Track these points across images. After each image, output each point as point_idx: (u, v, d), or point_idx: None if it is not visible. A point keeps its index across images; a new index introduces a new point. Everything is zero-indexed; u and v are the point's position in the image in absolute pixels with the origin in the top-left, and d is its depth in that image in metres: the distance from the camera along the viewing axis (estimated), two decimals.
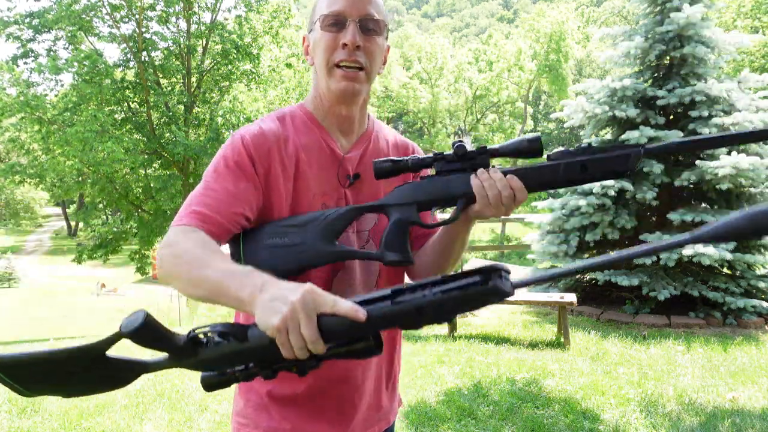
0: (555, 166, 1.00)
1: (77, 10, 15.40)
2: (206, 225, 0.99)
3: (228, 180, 1.04)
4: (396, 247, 1.04)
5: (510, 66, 37.63)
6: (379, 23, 1.11)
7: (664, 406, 3.57)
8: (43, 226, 50.00)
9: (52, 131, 15.26)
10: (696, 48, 6.12)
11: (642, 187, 6.02)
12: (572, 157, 0.99)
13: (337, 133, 1.18)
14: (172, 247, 0.95)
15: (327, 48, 1.09)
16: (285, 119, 1.16)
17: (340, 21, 1.08)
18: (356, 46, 1.07)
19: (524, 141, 1.01)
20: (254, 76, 17.95)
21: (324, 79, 1.12)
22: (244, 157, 1.06)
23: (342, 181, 1.16)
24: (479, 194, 1.00)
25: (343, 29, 1.08)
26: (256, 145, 1.07)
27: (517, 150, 1.01)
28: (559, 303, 5.08)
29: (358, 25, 1.08)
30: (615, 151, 0.97)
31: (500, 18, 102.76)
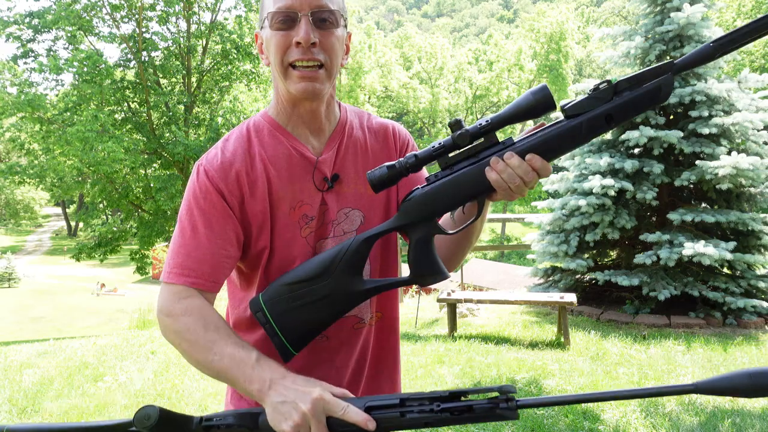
0: (576, 126, 0.84)
1: (77, 10, 15.41)
2: (197, 281, 0.99)
3: (204, 223, 1.01)
4: (428, 267, 0.96)
5: (510, 66, 37.64)
6: (334, 14, 1.00)
7: (664, 406, 3.57)
8: (43, 226, 50.01)
9: (52, 131, 15.27)
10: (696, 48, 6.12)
11: (642, 187, 6.02)
12: (593, 108, 0.84)
13: (306, 134, 1.09)
14: (171, 318, 0.98)
15: (279, 48, 1.00)
16: (249, 134, 1.08)
17: (289, 17, 0.98)
18: (311, 43, 0.98)
19: (530, 96, 0.84)
20: (254, 76, 17.96)
21: (281, 81, 1.03)
22: (212, 193, 1.01)
23: (320, 185, 1.08)
24: (499, 187, 0.89)
25: (294, 26, 0.99)
26: (221, 176, 1.02)
27: (523, 110, 0.85)
28: (559, 303, 5.08)
29: (310, 19, 0.98)
30: (641, 88, 0.82)
31: (500, 18, 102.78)
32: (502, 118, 0.87)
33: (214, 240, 1.00)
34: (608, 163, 6.09)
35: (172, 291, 0.99)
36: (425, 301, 7.86)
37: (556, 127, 0.86)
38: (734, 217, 5.75)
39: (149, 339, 5.73)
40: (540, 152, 0.86)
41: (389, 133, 1.20)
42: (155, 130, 17.42)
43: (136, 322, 8.35)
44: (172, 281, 0.99)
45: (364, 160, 1.14)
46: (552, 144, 0.86)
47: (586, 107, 0.84)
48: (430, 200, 0.93)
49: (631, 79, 0.82)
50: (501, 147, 0.89)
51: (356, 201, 1.12)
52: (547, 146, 0.86)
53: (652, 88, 0.82)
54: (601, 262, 6.91)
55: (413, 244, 0.96)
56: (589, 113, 0.84)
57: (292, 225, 1.06)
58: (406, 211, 0.95)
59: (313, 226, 1.07)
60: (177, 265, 1.00)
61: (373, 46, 38.67)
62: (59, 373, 4.47)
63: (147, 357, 4.98)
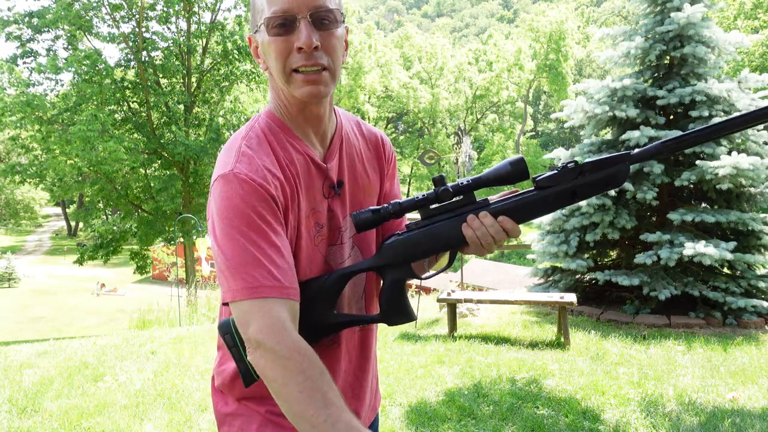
0: (546, 197, 0.96)
1: (77, 10, 15.41)
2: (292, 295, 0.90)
3: (265, 234, 0.91)
4: (398, 308, 1.03)
5: (510, 66, 37.66)
6: (333, 12, 0.96)
7: (664, 406, 3.57)
8: (43, 226, 50.02)
9: (53, 130, 15.28)
10: (696, 48, 6.12)
11: (642, 187, 6.02)
12: (561, 183, 0.95)
13: (312, 138, 1.07)
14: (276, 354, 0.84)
15: (280, 54, 0.95)
16: (270, 140, 1.02)
17: (288, 21, 0.93)
18: (314, 47, 0.94)
19: (507, 166, 0.95)
20: (254, 76, 17.97)
21: (284, 87, 0.99)
22: (262, 202, 0.92)
23: (326, 192, 1.06)
24: (472, 242, 0.97)
25: (293, 30, 0.94)
26: (268, 182, 0.94)
27: (501, 177, 0.95)
28: (559, 303, 5.08)
29: (309, 20, 0.94)
30: (602, 171, 0.94)
31: (500, 18, 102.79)
32: (480, 181, 0.96)
33: (282, 248, 0.92)
34: None
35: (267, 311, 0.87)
36: (425, 301, 7.87)
37: (528, 196, 0.97)
38: (734, 217, 5.75)
39: (149, 339, 5.73)
40: (511, 215, 0.97)
41: (380, 142, 1.20)
42: (155, 130, 17.43)
43: (136, 322, 8.35)
44: (260, 295, 0.87)
45: (362, 167, 1.15)
46: (523, 210, 0.97)
47: (555, 182, 0.95)
48: (408, 247, 1.00)
49: (595, 163, 0.94)
50: (477, 206, 0.98)
51: (355, 207, 1.12)
52: (518, 211, 0.97)
53: (612, 173, 0.93)
54: (601, 262, 6.91)
55: (387, 284, 1.03)
56: (558, 187, 0.95)
57: (309, 233, 1.04)
58: (385, 255, 1.02)
59: (324, 233, 1.07)
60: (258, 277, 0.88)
61: (373, 46, 38.65)
62: (59, 373, 4.47)
63: (147, 357, 4.97)
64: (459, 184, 0.97)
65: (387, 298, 1.03)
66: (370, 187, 1.16)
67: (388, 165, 1.22)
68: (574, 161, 0.94)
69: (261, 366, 0.86)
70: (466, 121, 40.00)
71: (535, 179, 0.96)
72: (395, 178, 1.26)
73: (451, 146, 40.24)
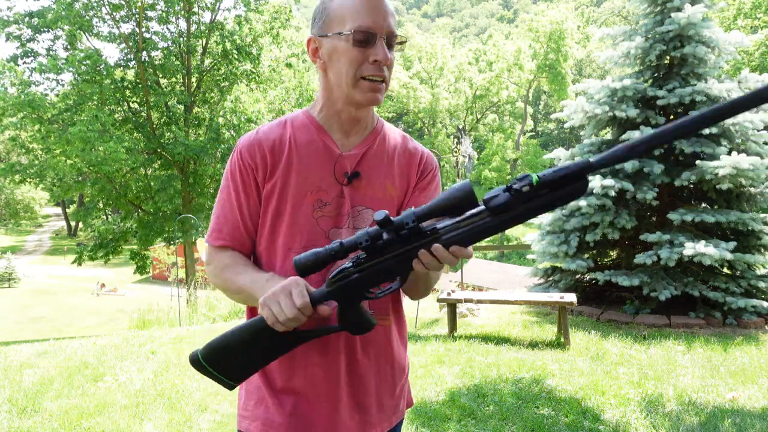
0: (498, 224, 0.93)
1: (76, 10, 15.39)
2: (226, 242, 1.23)
3: (231, 193, 1.22)
4: (356, 322, 1.08)
5: (510, 66, 37.65)
6: (397, 38, 1.17)
7: (664, 406, 3.57)
8: (43, 226, 50.01)
9: (53, 130, 15.26)
10: (696, 48, 6.12)
11: (642, 187, 6.02)
12: (515, 207, 0.91)
13: (339, 133, 1.23)
14: (211, 266, 1.24)
15: (354, 61, 1.13)
16: (286, 122, 1.24)
17: (371, 37, 1.12)
18: (387, 63, 1.14)
19: (455, 193, 0.91)
20: (254, 76, 17.95)
21: (347, 88, 1.15)
22: (239, 168, 1.21)
23: (339, 178, 1.21)
24: (422, 272, 1.00)
25: (371, 45, 1.12)
26: (251, 154, 1.20)
27: (447, 207, 0.92)
28: (559, 303, 5.08)
29: (385, 41, 1.13)
30: (558, 191, 0.89)
31: (500, 18, 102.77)
32: (427, 214, 0.94)
33: (237, 209, 1.21)
34: None
35: (211, 249, 1.25)
36: (425, 301, 7.87)
37: (481, 223, 0.94)
38: (734, 217, 5.75)
39: (149, 339, 5.73)
40: (463, 244, 0.95)
41: (416, 158, 1.30)
42: (155, 130, 17.41)
43: (136, 322, 8.35)
44: (209, 242, 1.25)
45: (389, 170, 1.26)
46: (475, 237, 0.95)
47: (508, 207, 0.90)
48: (359, 285, 1.02)
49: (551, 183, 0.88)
50: (426, 238, 0.96)
51: (372, 202, 1.23)
52: (470, 239, 0.95)
53: (567, 192, 0.88)
54: (601, 262, 6.91)
55: (341, 309, 1.06)
56: (511, 212, 0.91)
57: (305, 205, 1.19)
58: (335, 291, 1.04)
59: (327, 211, 1.20)
60: (212, 229, 1.24)
61: None
62: (59, 373, 4.47)
63: (147, 357, 4.97)
64: (404, 223, 0.94)
65: (343, 319, 1.08)
66: (391, 188, 1.26)
67: (418, 179, 1.29)
68: (528, 182, 0.88)
69: (208, 276, 1.26)
70: (466, 121, 39.97)
71: (487, 204, 0.91)
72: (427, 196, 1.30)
73: (451, 146, 40.23)
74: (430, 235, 0.96)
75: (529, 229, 24.82)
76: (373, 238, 0.98)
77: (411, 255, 0.98)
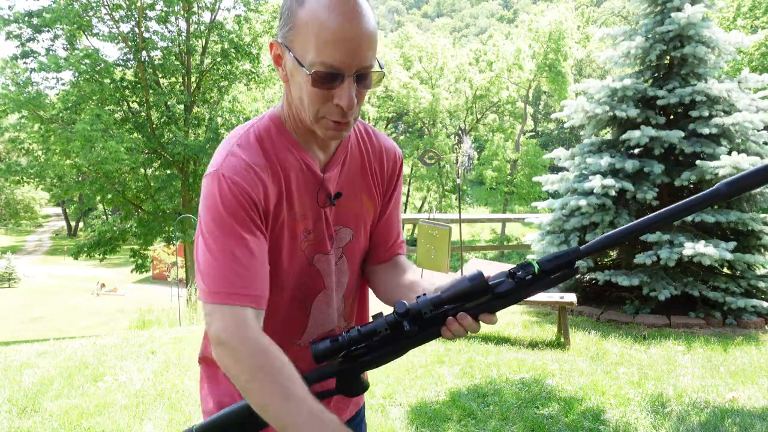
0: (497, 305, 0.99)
1: (76, 9, 15.40)
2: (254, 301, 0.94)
3: (241, 240, 0.95)
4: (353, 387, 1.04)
5: (510, 66, 37.64)
6: (371, 70, 0.96)
7: (664, 406, 3.57)
8: (43, 226, 50.00)
9: (53, 129, 15.27)
10: (696, 48, 6.12)
11: (642, 187, 6.02)
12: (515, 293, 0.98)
13: (315, 148, 1.08)
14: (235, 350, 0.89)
15: (316, 101, 0.95)
16: (263, 142, 1.03)
17: (334, 77, 0.92)
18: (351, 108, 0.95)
19: (467, 283, 0.96)
20: (254, 75, 17.95)
21: (308, 120, 0.99)
22: (244, 202, 0.96)
23: (321, 202, 1.08)
24: (448, 337, 0.98)
25: (336, 85, 0.93)
26: (250, 185, 0.97)
27: (462, 294, 0.96)
28: (559, 303, 5.08)
29: (354, 78, 0.93)
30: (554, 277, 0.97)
31: (500, 18, 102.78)
32: (442, 302, 0.96)
33: (257, 253, 0.96)
34: (608, 163, 6.09)
35: (230, 315, 0.91)
36: None
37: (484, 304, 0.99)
38: (734, 217, 5.75)
39: (149, 339, 5.73)
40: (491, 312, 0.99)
41: (387, 158, 1.20)
42: (155, 130, 17.42)
43: (136, 322, 8.35)
44: (226, 302, 0.92)
45: (364, 180, 1.16)
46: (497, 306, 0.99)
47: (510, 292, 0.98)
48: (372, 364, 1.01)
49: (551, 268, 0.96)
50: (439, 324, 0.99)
51: (349, 219, 1.14)
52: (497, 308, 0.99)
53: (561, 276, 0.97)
54: (601, 262, 6.91)
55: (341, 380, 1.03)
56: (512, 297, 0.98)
57: (295, 237, 1.07)
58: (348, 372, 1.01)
59: (311, 239, 1.09)
60: (229, 284, 0.92)
61: None
62: (59, 373, 4.47)
63: (147, 357, 4.97)
64: (423, 313, 0.97)
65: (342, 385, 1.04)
66: (367, 200, 1.17)
67: (390, 180, 1.21)
68: (531, 272, 0.96)
69: (224, 363, 0.91)
70: (466, 121, 39.98)
71: (493, 290, 0.98)
72: (398, 202, 1.26)
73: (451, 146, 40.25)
74: (442, 319, 0.99)
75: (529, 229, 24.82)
76: (392, 327, 0.97)
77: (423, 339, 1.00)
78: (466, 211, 40.23)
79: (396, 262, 1.25)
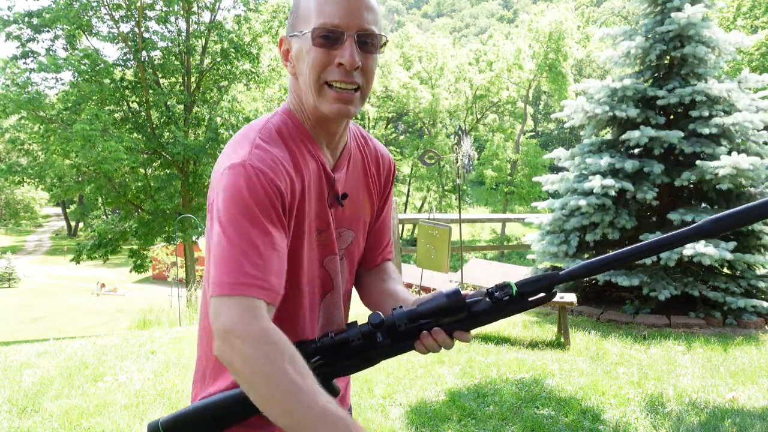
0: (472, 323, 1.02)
1: (76, 9, 15.41)
2: (270, 294, 0.88)
3: (264, 230, 0.90)
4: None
5: (510, 66, 37.64)
6: (377, 37, 0.98)
7: (664, 406, 3.57)
8: (43, 226, 50.02)
9: (52, 129, 15.28)
10: (696, 48, 6.12)
11: (642, 187, 6.02)
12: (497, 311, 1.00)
13: (325, 146, 1.07)
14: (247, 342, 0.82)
15: (318, 65, 0.95)
16: (285, 137, 1.01)
17: (334, 35, 0.94)
18: (355, 67, 0.95)
19: (444, 300, 0.98)
20: (253, 75, 17.95)
21: (312, 97, 0.98)
22: (270, 198, 0.92)
23: (330, 202, 1.07)
24: (420, 353, 1.01)
25: (338, 45, 0.94)
26: (278, 176, 0.93)
27: (439, 309, 0.99)
28: (559, 303, 5.08)
29: (355, 39, 0.95)
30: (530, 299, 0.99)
31: (500, 18, 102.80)
32: (419, 315, 0.98)
33: (278, 247, 0.92)
34: (608, 164, 6.09)
35: (241, 305, 0.85)
36: None
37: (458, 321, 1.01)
38: None
39: (149, 339, 5.73)
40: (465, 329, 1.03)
41: (384, 164, 1.22)
42: (155, 130, 17.42)
43: (136, 322, 8.35)
44: (238, 293, 0.86)
45: (365, 183, 1.17)
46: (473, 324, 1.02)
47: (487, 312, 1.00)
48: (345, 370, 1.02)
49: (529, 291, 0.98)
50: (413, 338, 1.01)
51: (352, 222, 1.15)
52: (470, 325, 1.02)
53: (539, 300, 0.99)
54: None
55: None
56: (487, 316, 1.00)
57: (311, 236, 1.06)
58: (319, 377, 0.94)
59: (322, 240, 1.08)
60: (243, 274, 0.86)
61: None
62: (59, 373, 4.47)
63: (147, 357, 4.97)
64: (397, 326, 0.98)
65: None
66: (367, 203, 1.18)
67: (386, 187, 1.23)
68: (509, 293, 0.97)
69: (228, 355, 0.84)
70: (466, 121, 39.97)
71: (469, 308, 1.00)
72: (390, 206, 1.28)
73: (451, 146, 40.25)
74: (416, 333, 1.00)
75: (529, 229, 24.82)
76: (365, 336, 0.98)
77: (396, 350, 1.01)
78: (466, 211, 40.22)
79: (383, 268, 1.26)
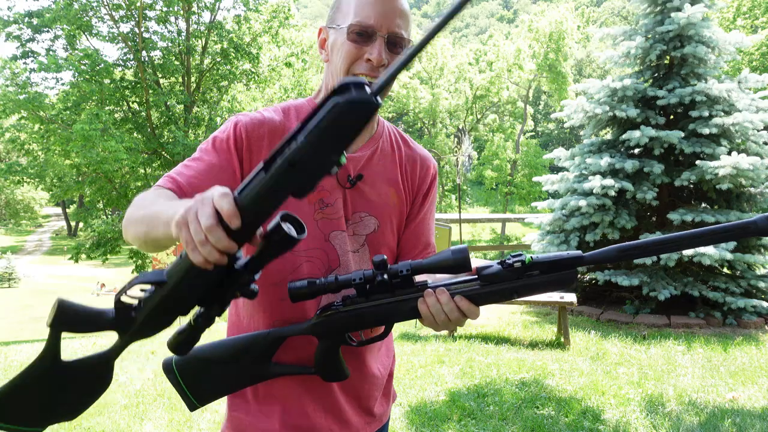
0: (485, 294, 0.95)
1: (76, 9, 15.40)
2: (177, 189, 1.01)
3: (209, 157, 1.07)
4: (332, 369, 1.06)
5: (510, 66, 37.64)
6: (404, 42, 1.09)
7: (664, 406, 3.57)
8: (43, 226, 49.99)
9: (52, 129, 15.27)
10: (696, 48, 6.12)
11: (642, 187, 6.02)
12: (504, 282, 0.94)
13: None
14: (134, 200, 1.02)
15: (349, 57, 1.07)
16: (289, 111, 1.15)
17: (367, 33, 1.06)
18: (381, 64, 1.06)
19: (449, 254, 0.93)
20: (253, 75, 17.95)
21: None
22: (230, 140, 1.07)
23: (342, 181, 1.13)
24: (426, 317, 0.97)
25: (369, 43, 1.06)
26: (248, 131, 1.08)
27: (444, 266, 0.94)
28: (559, 303, 5.08)
29: (385, 40, 1.06)
30: (548, 275, 0.92)
31: (500, 18, 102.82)
32: (421, 267, 0.95)
33: (206, 173, 1.04)
34: (608, 164, 6.09)
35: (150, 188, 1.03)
36: None
37: (469, 288, 0.96)
38: (734, 217, 5.75)
39: (149, 339, 5.73)
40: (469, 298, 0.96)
41: (422, 165, 1.25)
42: (155, 130, 17.42)
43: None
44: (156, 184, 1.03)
45: (393, 176, 1.20)
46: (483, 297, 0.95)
47: (498, 279, 0.94)
48: (347, 323, 1.01)
49: (544, 264, 0.92)
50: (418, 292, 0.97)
51: (374, 208, 1.17)
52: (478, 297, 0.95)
53: (556, 279, 0.93)
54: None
55: (321, 349, 1.04)
56: (499, 285, 0.94)
57: (305, 204, 1.10)
58: (323, 326, 1.02)
59: (327, 213, 1.12)
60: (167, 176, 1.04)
61: None
62: None
63: (147, 357, 4.97)
64: (399, 271, 0.96)
65: (321, 361, 1.05)
66: (394, 196, 1.20)
67: (419, 187, 1.24)
68: (521, 260, 0.92)
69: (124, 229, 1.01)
70: (466, 121, 39.97)
71: (480, 272, 0.95)
72: (429, 212, 1.27)
73: (451, 146, 40.25)
74: (421, 289, 0.97)
75: (530, 229, 24.82)
76: (367, 279, 0.97)
77: (399, 305, 0.98)
78: (466, 211, 40.22)
79: None
